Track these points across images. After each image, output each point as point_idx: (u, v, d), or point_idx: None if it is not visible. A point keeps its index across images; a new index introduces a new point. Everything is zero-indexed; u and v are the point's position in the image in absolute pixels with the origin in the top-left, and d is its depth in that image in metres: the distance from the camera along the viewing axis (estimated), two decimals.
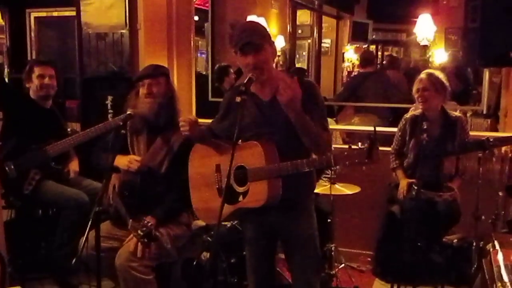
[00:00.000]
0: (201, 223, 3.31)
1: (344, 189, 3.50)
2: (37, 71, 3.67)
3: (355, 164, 2.02)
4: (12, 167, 3.49)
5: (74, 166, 3.73)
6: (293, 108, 2.24)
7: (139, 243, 2.81)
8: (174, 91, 3.14)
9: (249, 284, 2.68)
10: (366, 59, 6.05)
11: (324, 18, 8.57)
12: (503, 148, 3.75)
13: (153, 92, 3.00)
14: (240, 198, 2.44)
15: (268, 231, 2.56)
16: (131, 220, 2.85)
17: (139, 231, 2.76)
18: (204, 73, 6.30)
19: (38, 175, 3.54)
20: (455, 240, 3.74)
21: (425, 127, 3.17)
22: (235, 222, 3.41)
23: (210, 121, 2.73)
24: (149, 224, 2.79)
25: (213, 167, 2.49)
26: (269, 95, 2.44)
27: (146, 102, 3.00)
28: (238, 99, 2.22)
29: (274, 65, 2.50)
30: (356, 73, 7.30)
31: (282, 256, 2.78)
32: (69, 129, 3.86)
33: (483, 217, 3.35)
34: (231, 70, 5.85)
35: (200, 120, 2.74)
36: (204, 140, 2.63)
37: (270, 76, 2.40)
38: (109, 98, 4.28)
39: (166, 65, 4.48)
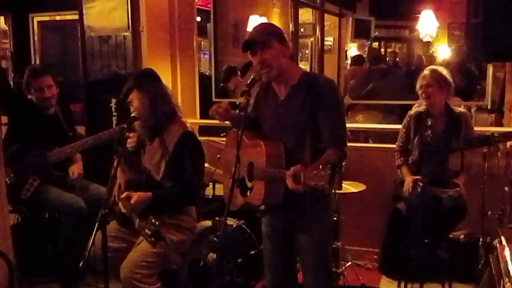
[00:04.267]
0: (207, 223, 3.31)
1: (349, 187, 3.50)
2: (34, 84, 3.61)
3: (319, 186, 1.98)
4: (11, 172, 3.45)
5: (77, 168, 3.68)
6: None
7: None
8: (154, 94, 2.93)
9: (266, 281, 2.68)
10: (376, 57, 6.00)
11: (326, 16, 8.52)
12: (508, 143, 3.73)
13: (136, 109, 2.93)
14: (248, 193, 2.46)
15: (280, 230, 2.53)
16: (138, 219, 2.85)
17: (146, 230, 2.74)
18: (207, 73, 6.31)
19: (37, 181, 3.53)
20: (461, 236, 3.74)
21: (429, 123, 3.17)
22: (242, 222, 3.43)
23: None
24: (157, 223, 2.78)
25: (234, 157, 2.47)
26: (284, 93, 2.41)
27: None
28: (241, 99, 2.22)
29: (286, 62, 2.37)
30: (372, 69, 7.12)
31: None
32: (71, 134, 3.80)
33: (489, 213, 3.34)
34: (239, 72, 5.86)
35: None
36: (238, 127, 2.54)
37: (281, 73, 2.36)
38: (113, 101, 4.27)
39: (169, 67, 4.52)
